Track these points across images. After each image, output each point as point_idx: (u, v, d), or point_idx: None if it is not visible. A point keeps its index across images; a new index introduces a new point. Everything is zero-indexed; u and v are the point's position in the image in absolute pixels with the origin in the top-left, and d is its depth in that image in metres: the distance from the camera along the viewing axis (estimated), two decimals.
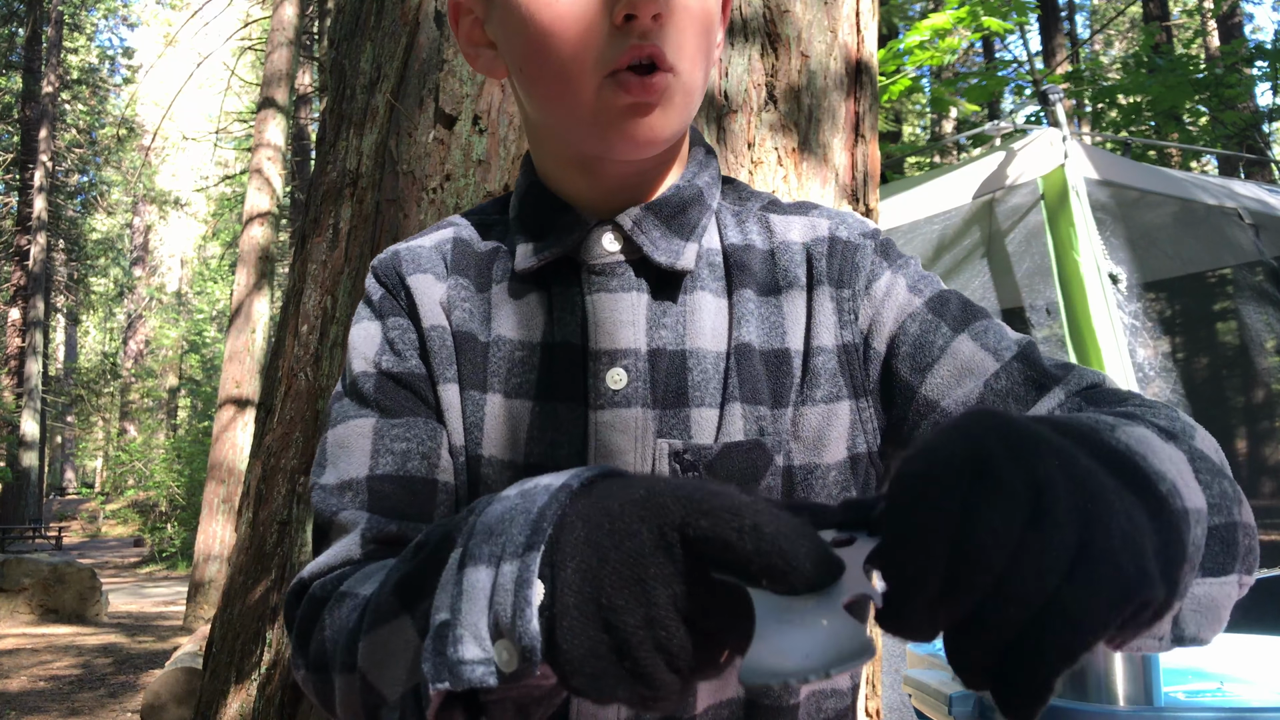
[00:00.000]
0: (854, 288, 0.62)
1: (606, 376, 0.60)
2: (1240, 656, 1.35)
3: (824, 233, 0.65)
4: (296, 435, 1.58)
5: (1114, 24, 18.45)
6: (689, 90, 0.59)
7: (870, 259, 0.64)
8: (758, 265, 0.64)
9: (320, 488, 0.61)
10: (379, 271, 0.67)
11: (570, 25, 0.57)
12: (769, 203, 0.68)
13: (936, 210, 3.44)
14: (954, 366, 0.58)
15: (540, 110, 0.63)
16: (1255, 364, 3.43)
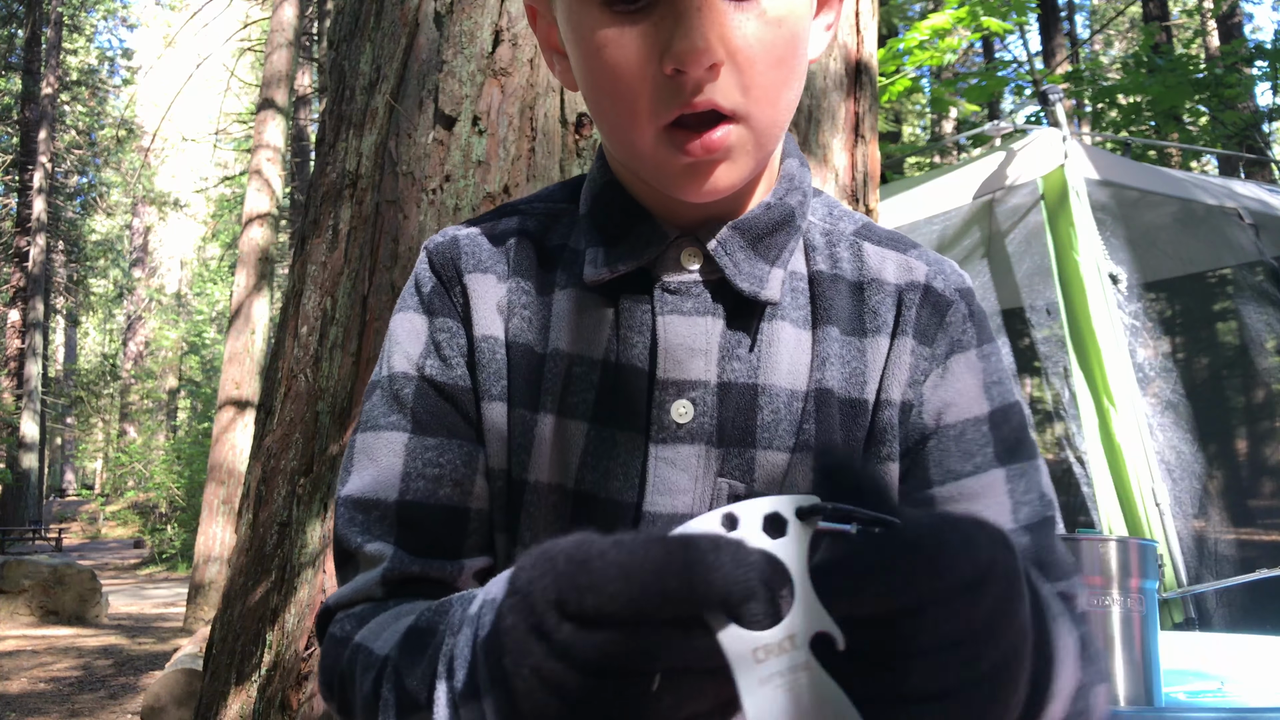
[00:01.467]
0: (933, 349, 0.58)
1: (672, 408, 0.56)
2: (1240, 657, 1.35)
3: (920, 278, 0.59)
4: (296, 437, 1.58)
5: (1114, 24, 18.46)
6: (763, 132, 0.54)
7: (961, 324, 0.59)
8: (845, 299, 0.59)
9: (344, 501, 0.59)
10: (435, 260, 0.62)
11: (621, 75, 0.52)
12: (863, 227, 0.63)
13: (936, 210, 3.44)
14: (974, 490, 0.56)
15: (608, 142, 0.59)
16: (1255, 364, 3.43)
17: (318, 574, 1.46)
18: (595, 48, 0.53)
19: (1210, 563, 2.93)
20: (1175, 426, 3.08)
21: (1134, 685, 0.96)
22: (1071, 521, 2.96)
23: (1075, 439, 3.01)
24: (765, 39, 0.52)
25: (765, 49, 0.52)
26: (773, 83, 0.53)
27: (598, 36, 0.52)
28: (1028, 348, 3.38)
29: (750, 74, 0.52)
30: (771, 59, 0.53)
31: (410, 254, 1.52)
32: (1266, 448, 3.62)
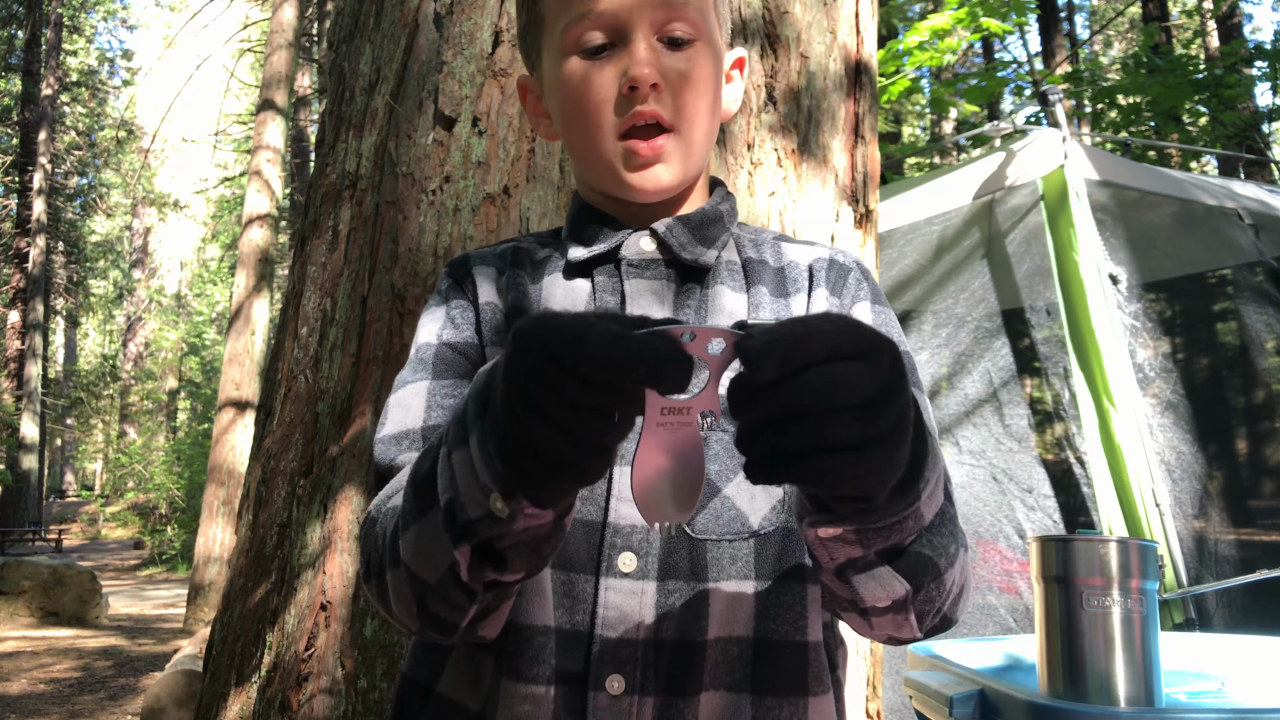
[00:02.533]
0: (842, 300, 0.76)
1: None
2: (1242, 657, 1.35)
3: (825, 255, 0.79)
4: (296, 438, 1.57)
5: (1113, 24, 18.47)
6: (690, 145, 0.74)
7: (858, 284, 0.78)
8: (770, 275, 0.77)
9: (380, 440, 0.73)
10: (451, 267, 0.81)
11: (594, 98, 0.73)
12: (779, 235, 0.83)
13: (936, 211, 3.44)
14: None
15: (579, 166, 0.80)
16: (1255, 364, 3.43)
17: (318, 575, 1.46)
18: (577, 85, 0.73)
19: (1211, 563, 2.93)
20: (1175, 427, 3.08)
21: (1134, 686, 0.96)
22: (1072, 522, 2.96)
23: (1075, 439, 3.01)
24: (691, 75, 0.73)
25: (691, 83, 0.73)
26: (697, 108, 0.74)
27: (579, 78, 0.73)
28: (1027, 348, 3.38)
29: (681, 97, 0.73)
30: (696, 91, 0.74)
31: (410, 255, 1.52)
32: (1267, 448, 3.62)
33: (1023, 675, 1.19)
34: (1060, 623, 0.99)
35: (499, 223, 1.51)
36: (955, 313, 3.37)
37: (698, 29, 0.74)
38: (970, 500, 3.03)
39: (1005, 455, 3.06)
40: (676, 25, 0.73)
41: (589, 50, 0.73)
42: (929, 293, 3.47)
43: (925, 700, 1.18)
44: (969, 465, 3.09)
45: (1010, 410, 3.12)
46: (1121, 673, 0.97)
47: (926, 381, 3.34)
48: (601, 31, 0.72)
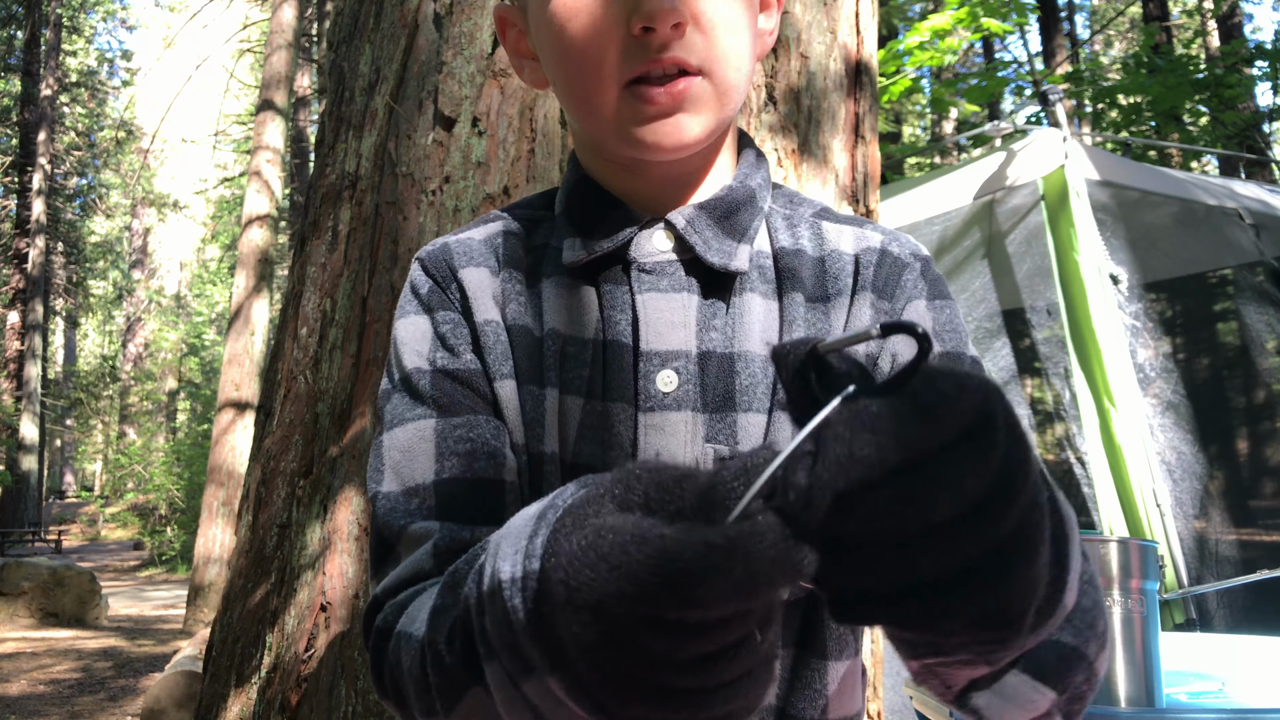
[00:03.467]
0: (893, 303, 0.62)
1: (657, 378, 0.59)
2: (1242, 658, 1.35)
3: (876, 244, 0.64)
4: (296, 438, 1.57)
5: (1114, 24, 18.47)
6: (724, 90, 0.59)
7: (915, 281, 0.63)
8: (807, 271, 0.63)
9: (383, 496, 0.59)
10: (427, 264, 0.65)
11: (591, 37, 0.57)
12: (821, 210, 0.68)
13: (937, 211, 3.44)
14: None
15: (574, 119, 0.64)
16: (1256, 364, 3.43)
17: (317, 576, 1.46)
18: (566, 19, 0.58)
19: (1211, 563, 2.93)
20: (1176, 427, 3.08)
21: (1135, 686, 0.96)
22: None
23: (1076, 440, 3.00)
24: (723, 8, 0.57)
25: (724, 17, 0.58)
26: (732, 47, 0.58)
27: (569, 8, 0.58)
28: (1028, 348, 3.38)
29: (712, 35, 0.57)
30: (729, 26, 0.58)
31: (410, 255, 1.52)
32: (1267, 448, 3.62)
33: None
34: None
35: None
36: None
37: None
38: None
39: None
40: None
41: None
42: None
43: (926, 701, 1.18)
44: None
45: None
46: (1122, 673, 0.97)
47: None
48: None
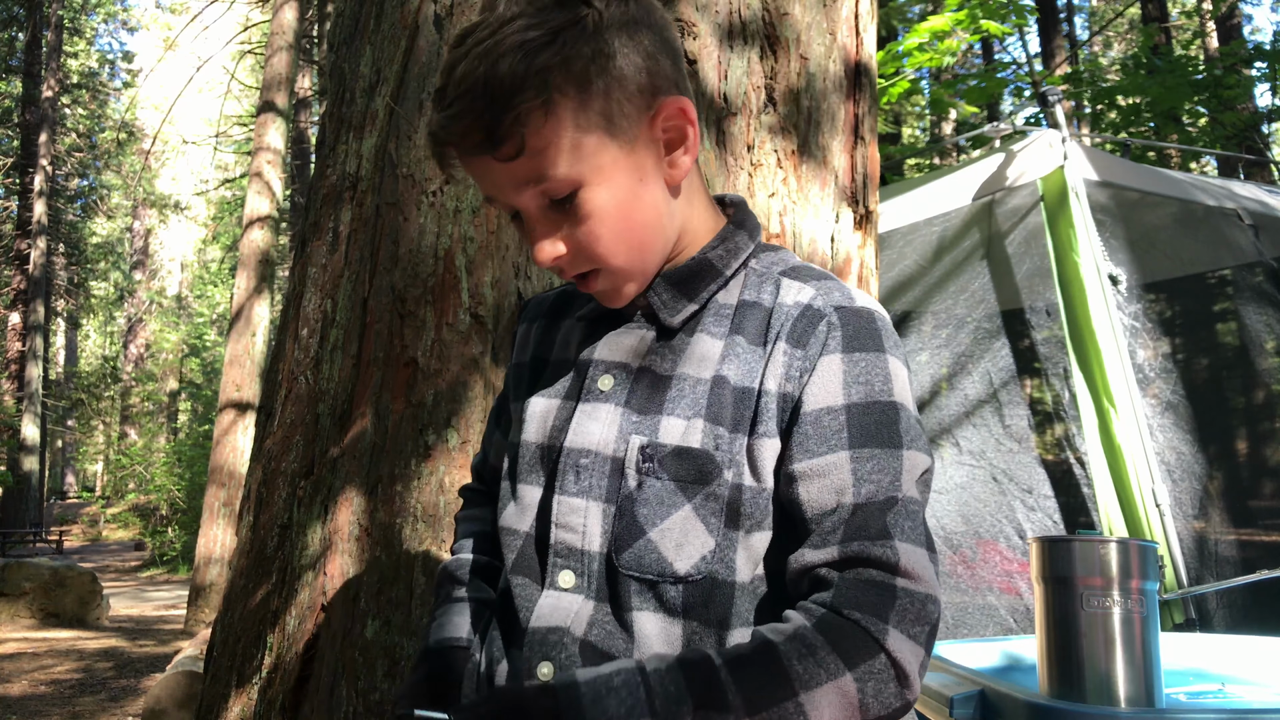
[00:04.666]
0: (806, 351, 0.72)
1: (600, 380, 0.78)
2: (1242, 658, 1.35)
3: (805, 299, 0.75)
4: (297, 439, 1.58)
5: (1113, 25, 18.47)
6: (626, 268, 0.74)
7: (828, 332, 0.72)
8: (755, 319, 0.75)
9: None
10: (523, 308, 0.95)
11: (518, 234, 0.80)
12: (790, 269, 0.79)
13: (936, 212, 3.44)
14: (821, 468, 0.69)
15: None
16: (1255, 365, 3.43)
17: (318, 576, 1.46)
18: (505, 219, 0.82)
19: (1211, 564, 2.93)
20: (1175, 427, 3.08)
21: (1134, 686, 0.96)
22: (1072, 522, 2.96)
23: (1075, 440, 3.01)
24: (594, 229, 0.71)
25: (596, 232, 0.71)
26: (616, 244, 0.72)
27: (510, 220, 0.77)
28: (1027, 349, 3.38)
29: (592, 249, 0.72)
30: (601, 234, 0.71)
31: (411, 256, 1.52)
32: (1267, 448, 3.62)
33: (1023, 676, 1.19)
34: (1060, 623, 1.00)
35: (499, 224, 1.52)
36: (955, 313, 3.37)
37: (575, 177, 0.69)
38: (970, 501, 3.03)
39: (1005, 456, 3.06)
40: (550, 190, 0.70)
41: (492, 205, 0.75)
42: (929, 293, 3.47)
43: (925, 701, 1.18)
44: (969, 466, 3.09)
45: (1010, 411, 3.12)
46: (1122, 673, 0.97)
47: (927, 383, 3.34)
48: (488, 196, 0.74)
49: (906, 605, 0.64)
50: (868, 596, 0.64)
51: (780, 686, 0.61)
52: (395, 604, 1.39)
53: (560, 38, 0.67)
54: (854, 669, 0.62)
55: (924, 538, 0.68)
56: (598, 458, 0.75)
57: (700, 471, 0.71)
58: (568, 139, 0.69)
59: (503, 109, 0.66)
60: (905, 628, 0.63)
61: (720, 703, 0.61)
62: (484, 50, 0.66)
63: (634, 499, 0.72)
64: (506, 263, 1.50)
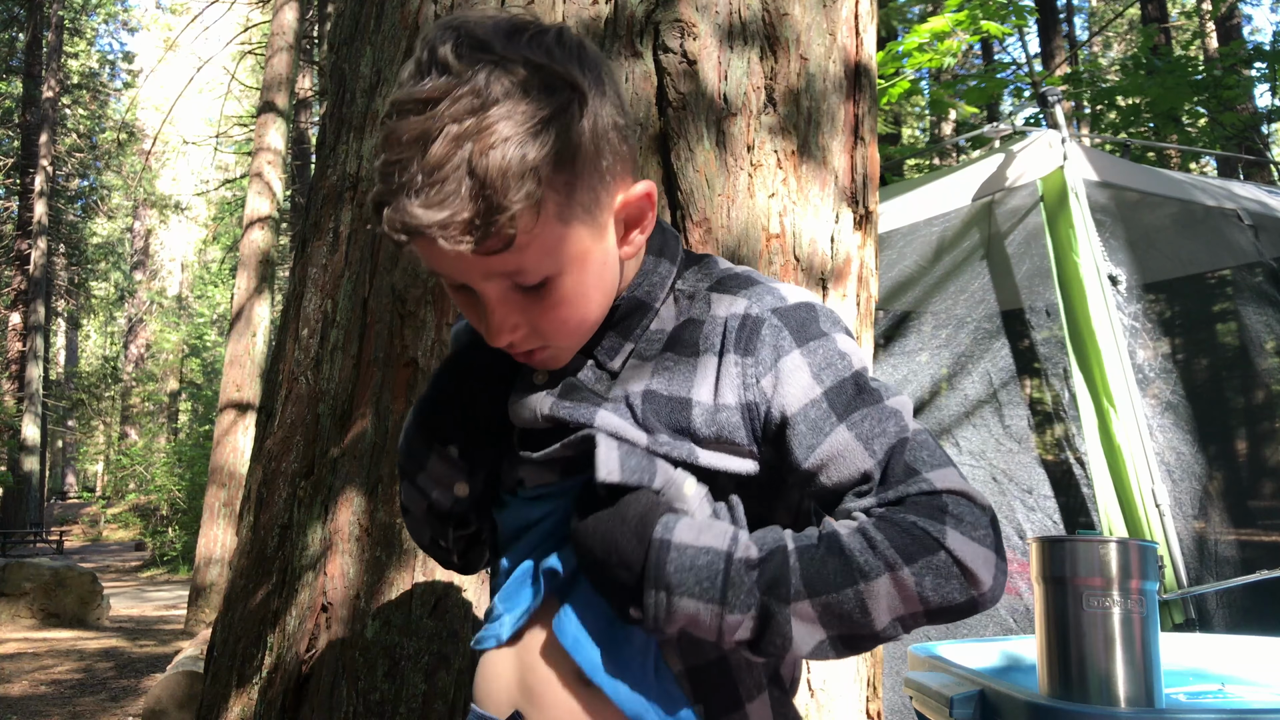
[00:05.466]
0: (758, 357, 0.74)
1: (534, 376, 0.80)
2: (1242, 658, 1.35)
3: (740, 310, 0.76)
4: (297, 439, 1.58)
5: (1113, 26, 18.47)
6: (571, 342, 0.76)
7: (776, 333, 0.74)
8: (688, 334, 0.77)
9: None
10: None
11: (459, 307, 0.75)
12: (717, 282, 0.80)
13: (936, 212, 3.44)
14: (830, 454, 0.72)
15: None
16: (1255, 365, 3.43)
17: (319, 577, 1.46)
18: (452, 299, 0.75)
19: (1211, 564, 2.93)
20: (1175, 428, 3.08)
21: (1134, 687, 0.96)
22: (1072, 522, 2.96)
23: (1075, 440, 3.01)
24: (558, 313, 0.72)
25: (558, 317, 0.72)
26: (568, 323, 0.74)
27: (451, 297, 0.75)
28: (1027, 349, 3.38)
29: (547, 329, 0.73)
30: (565, 318, 0.73)
31: (411, 256, 1.52)
32: (1266, 449, 3.62)
33: (1023, 676, 1.19)
34: (1060, 623, 1.00)
35: None
36: (955, 314, 3.37)
37: (552, 269, 0.69)
38: None
39: (1005, 456, 3.06)
40: (524, 281, 0.69)
41: (447, 282, 0.73)
42: (929, 294, 3.47)
43: (925, 701, 1.18)
44: (969, 466, 3.09)
45: (1010, 411, 3.12)
46: (1121, 673, 0.97)
47: (927, 383, 3.34)
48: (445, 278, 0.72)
49: (960, 513, 0.67)
50: (921, 512, 0.67)
51: (843, 575, 0.65)
52: (395, 604, 1.40)
53: (550, 127, 0.64)
54: (912, 564, 0.65)
55: (945, 458, 0.71)
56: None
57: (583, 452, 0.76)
58: (553, 233, 0.67)
59: (495, 207, 0.63)
60: (964, 530, 0.66)
61: (784, 594, 0.65)
62: (465, 133, 0.62)
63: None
64: None
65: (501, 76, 0.64)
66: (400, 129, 0.64)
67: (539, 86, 0.65)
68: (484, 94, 0.63)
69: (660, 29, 1.47)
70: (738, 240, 1.46)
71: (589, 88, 0.68)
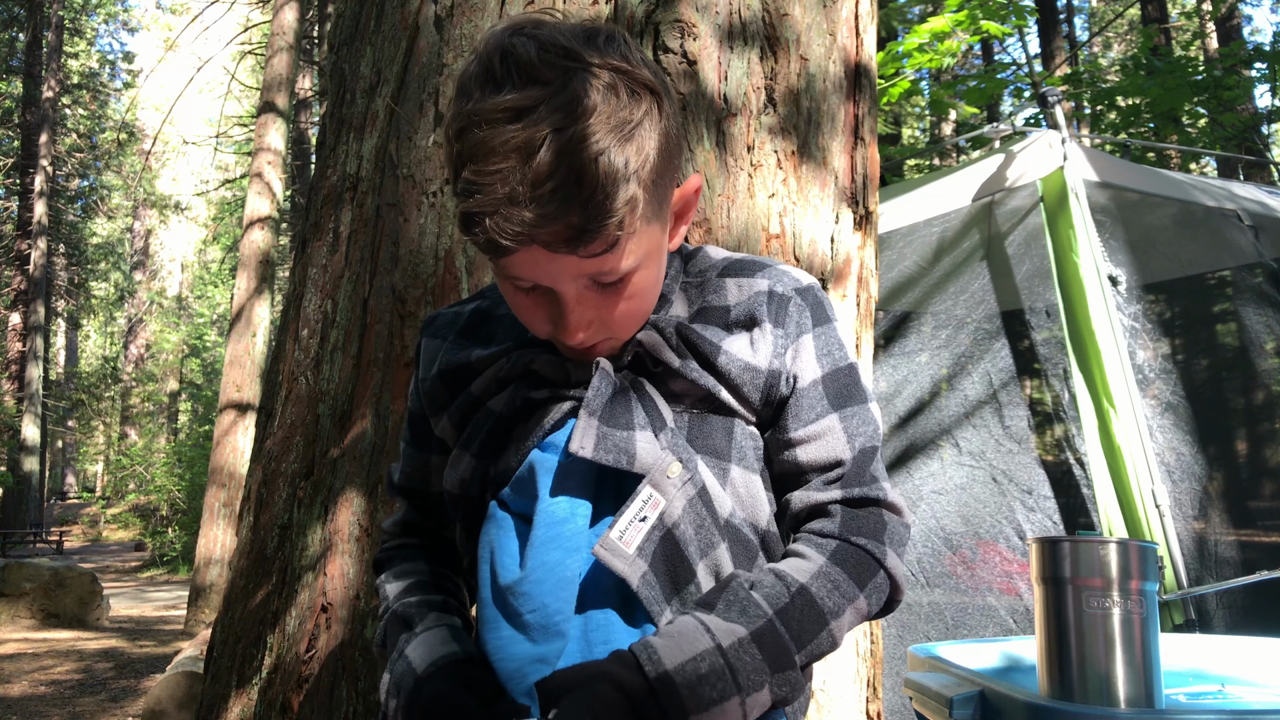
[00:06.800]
0: (786, 329, 0.80)
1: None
2: (1242, 659, 1.35)
3: (763, 288, 0.81)
4: (297, 439, 1.58)
5: (1113, 26, 18.47)
6: (633, 331, 0.78)
7: (800, 312, 0.81)
8: (712, 317, 0.81)
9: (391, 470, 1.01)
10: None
11: (521, 310, 0.76)
12: (726, 268, 0.84)
13: (936, 213, 3.44)
14: (819, 431, 0.80)
15: None
16: (1255, 366, 3.42)
17: (318, 577, 1.46)
18: (511, 299, 0.76)
19: (1211, 565, 2.93)
20: (1175, 428, 3.08)
21: (1134, 687, 0.96)
22: (1072, 523, 2.96)
23: (1075, 441, 3.01)
24: (629, 306, 0.74)
25: (627, 311, 0.75)
26: (635, 314, 0.76)
27: (512, 297, 0.75)
28: (1027, 350, 3.38)
29: (616, 321, 0.75)
30: (633, 311, 0.75)
31: (411, 257, 1.52)
32: (1266, 449, 3.62)
33: (1023, 677, 1.19)
34: (1060, 624, 1.00)
35: None
36: (955, 314, 3.37)
37: (629, 265, 0.71)
38: (970, 501, 3.03)
39: (1005, 456, 3.06)
40: (608, 276, 0.71)
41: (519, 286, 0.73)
42: (929, 294, 3.47)
43: (925, 702, 1.18)
44: (969, 466, 3.09)
45: (1010, 411, 3.12)
46: (1121, 674, 0.97)
47: (926, 384, 3.34)
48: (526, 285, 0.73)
49: (894, 531, 0.79)
50: (868, 525, 0.78)
51: (818, 623, 0.73)
52: None
53: (642, 132, 0.67)
54: (864, 588, 0.76)
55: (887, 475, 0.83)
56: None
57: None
58: (642, 232, 0.70)
59: (603, 212, 0.65)
60: (895, 548, 0.78)
61: (788, 661, 0.71)
62: (569, 141, 0.63)
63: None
64: None
65: (594, 83, 0.65)
66: (494, 139, 0.64)
67: (627, 92, 0.67)
68: (581, 102, 0.64)
69: (660, 29, 1.47)
70: (738, 241, 1.46)
71: (662, 90, 0.71)
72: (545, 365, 0.79)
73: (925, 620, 2.88)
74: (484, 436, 0.80)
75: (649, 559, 0.72)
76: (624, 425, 0.75)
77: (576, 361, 0.79)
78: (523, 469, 0.77)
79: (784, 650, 0.70)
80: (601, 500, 0.76)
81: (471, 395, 0.82)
